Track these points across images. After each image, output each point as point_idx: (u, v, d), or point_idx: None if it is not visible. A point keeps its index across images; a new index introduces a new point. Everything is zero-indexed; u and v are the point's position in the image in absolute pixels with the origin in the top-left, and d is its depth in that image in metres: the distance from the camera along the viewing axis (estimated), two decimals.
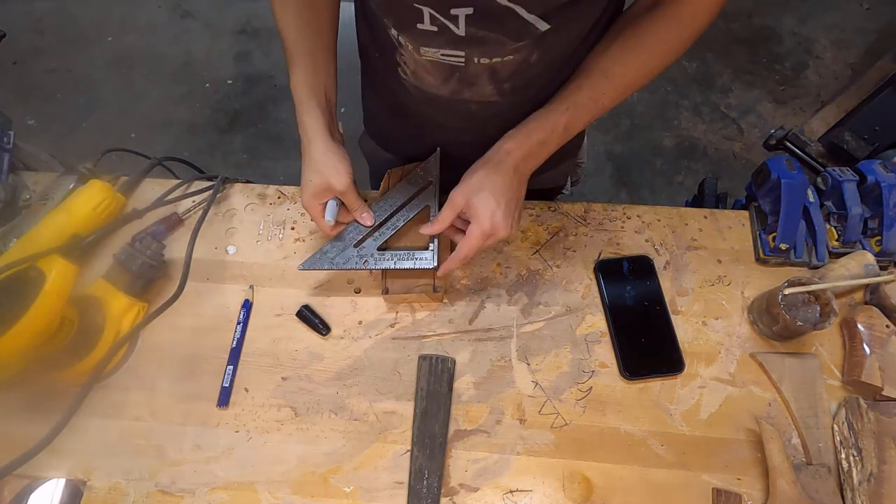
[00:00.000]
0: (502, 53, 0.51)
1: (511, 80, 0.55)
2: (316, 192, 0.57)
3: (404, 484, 0.55)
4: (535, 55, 0.52)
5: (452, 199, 0.55)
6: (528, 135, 0.55)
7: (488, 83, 0.55)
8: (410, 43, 0.52)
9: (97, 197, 0.64)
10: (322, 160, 0.56)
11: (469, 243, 0.55)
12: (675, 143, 1.87)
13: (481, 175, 0.54)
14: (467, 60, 0.52)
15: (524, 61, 0.52)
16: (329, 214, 0.58)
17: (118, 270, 0.61)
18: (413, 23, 0.48)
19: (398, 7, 0.48)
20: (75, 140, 1.90)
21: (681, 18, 0.51)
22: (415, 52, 0.53)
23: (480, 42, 0.49)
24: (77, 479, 0.56)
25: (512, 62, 0.52)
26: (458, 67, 0.53)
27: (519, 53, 0.51)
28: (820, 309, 0.58)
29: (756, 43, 2.06)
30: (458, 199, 0.55)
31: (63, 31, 2.20)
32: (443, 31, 0.48)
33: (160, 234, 0.66)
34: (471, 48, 0.50)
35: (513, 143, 0.55)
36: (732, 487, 0.54)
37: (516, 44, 0.49)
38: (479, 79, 0.55)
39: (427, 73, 0.56)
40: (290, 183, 0.73)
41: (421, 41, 0.51)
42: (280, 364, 0.61)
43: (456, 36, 0.48)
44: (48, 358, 0.56)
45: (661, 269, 0.65)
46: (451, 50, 0.51)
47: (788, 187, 0.62)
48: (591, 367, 0.60)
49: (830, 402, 0.57)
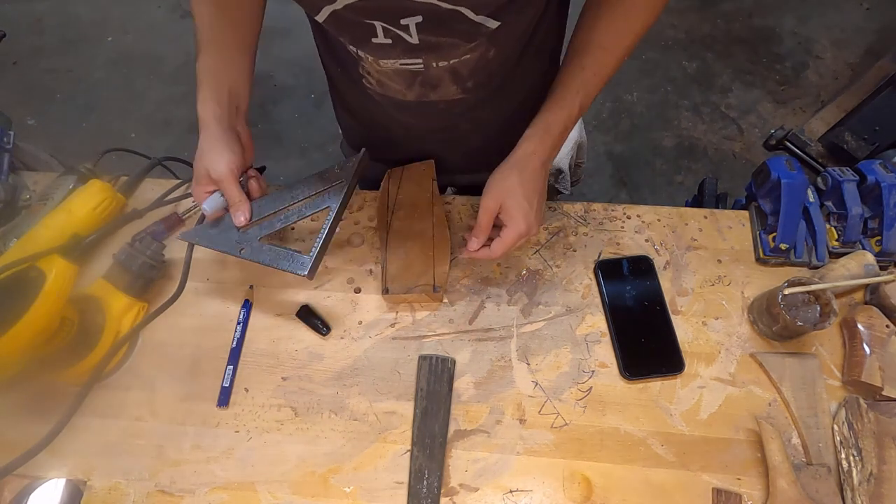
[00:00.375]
0: (458, 54, 0.51)
1: (473, 78, 0.56)
2: (198, 180, 0.56)
3: (404, 484, 0.55)
4: (491, 52, 0.53)
5: (486, 206, 0.55)
6: (548, 129, 0.55)
7: (451, 83, 0.56)
8: (369, 55, 0.53)
9: (97, 197, 0.64)
10: (206, 148, 0.55)
11: (504, 244, 0.55)
12: (675, 143, 1.87)
13: (513, 178, 0.54)
14: (426, 66, 0.53)
15: (482, 58, 0.53)
16: (207, 204, 0.56)
17: (118, 270, 0.61)
18: (367, 38, 0.49)
19: (350, 26, 0.49)
20: (75, 140, 1.90)
21: None
22: (375, 63, 0.54)
23: (435, 47, 0.50)
24: (77, 479, 0.56)
25: (470, 60, 0.53)
26: (419, 72, 0.54)
27: (475, 52, 0.52)
28: (820, 309, 0.58)
29: (756, 43, 2.06)
30: (491, 203, 0.55)
31: (63, 31, 2.20)
32: (397, 43, 0.49)
33: (160, 234, 0.66)
34: (427, 54, 0.51)
35: (536, 143, 0.55)
36: (732, 487, 0.54)
37: (470, 44, 0.50)
38: (441, 81, 0.56)
39: (390, 80, 0.57)
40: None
41: (378, 54, 0.52)
42: (280, 364, 0.61)
43: (410, 45, 0.49)
44: (48, 358, 0.56)
45: (661, 269, 0.65)
46: (408, 59, 0.52)
47: (788, 187, 0.62)
48: (591, 367, 0.60)
49: (830, 402, 0.57)
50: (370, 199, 0.71)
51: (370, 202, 0.71)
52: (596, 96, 0.56)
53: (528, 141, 0.55)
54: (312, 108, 1.94)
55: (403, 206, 0.67)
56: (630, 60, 2.01)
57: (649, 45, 2.08)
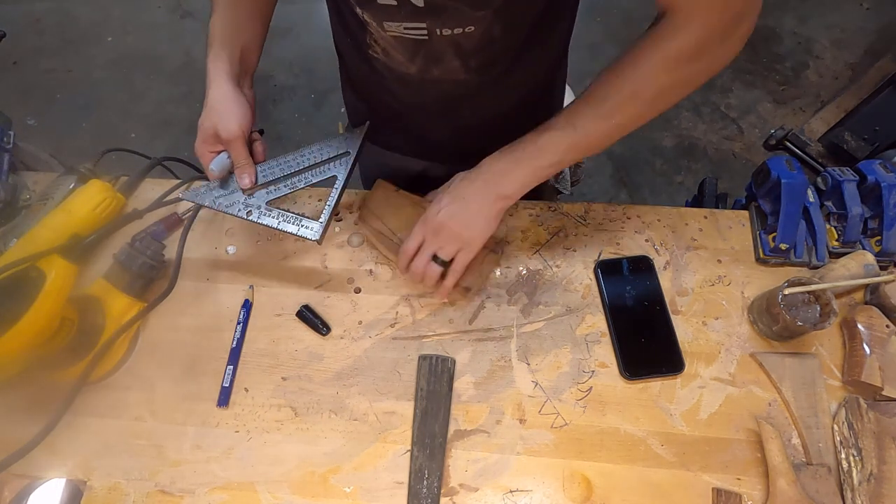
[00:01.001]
0: (463, 23, 0.50)
1: (477, 57, 0.55)
2: (205, 138, 0.55)
3: (404, 484, 0.55)
4: (496, 28, 0.52)
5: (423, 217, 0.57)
6: (504, 153, 0.56)
7: (454, 58, 0.55)
8: (373, 19, 0.52)
9: (97, 197, 0.64)
10: (216, 105, 0.54)
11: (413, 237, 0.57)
12: (675, 143, 1.87)
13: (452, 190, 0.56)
14: (430, 33, 0.52)
15: (486, 34, 0.52)
16: (215, 165, 0.55)
17: (118, 270, 0.61)
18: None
19: None
20: (75, 140, 1.90)
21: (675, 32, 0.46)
22: (380, 28, 0.53)
23: (440, 11, 0.49)
24: (77, 479, 0.56)
25: (475, 35, 0.52)
26: (423, 42, 0.53)
27: (480, 24, 0.51)
28: (820, 309, 0.58)
29: (756, 43, 2.06)
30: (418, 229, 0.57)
31: (63, 31, 2.20)
32: (402, 4, 0.48)
33: (160, 234, 0.66)
34: (431, 19, 0.50)
35: (487, 161, 0.56)
36: (732, 487, 0.54)
37: (476, 13, 0.49)
38: (444, 55, 0.55)
39: (394, 49, 0.56)
40: None
41: (383, 16, 0.51)
42: (280, 364, 0.61)
43: (415, 7, 0.48)
44: (48, 358, 0.56)
45: (661, 269, 0.65)
46: (412, 23, 0.50)
47: (788, 187, 0.62)
48: (591, 367, 0.60)
49: (830, 402, 0.57)
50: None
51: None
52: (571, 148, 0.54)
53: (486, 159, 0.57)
54: (312, 108, 1.94)
55: (400, 228, 0.65)
56: None
57: None
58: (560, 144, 0.53)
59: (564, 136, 0.52)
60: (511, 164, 0.55)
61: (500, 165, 0.55)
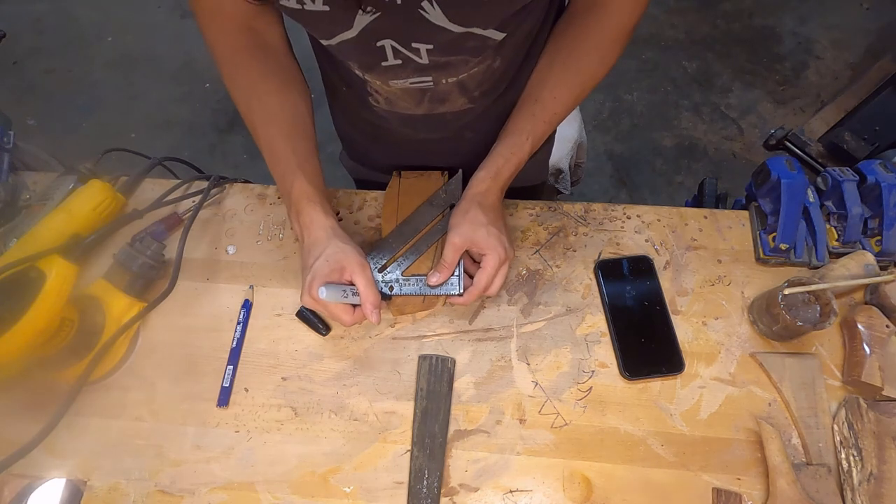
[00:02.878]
0: (468, 69, 0.52)
1: (480, 88, 0.57)
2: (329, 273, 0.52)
3: (404, 484, 0.55)
4: (497, 62, 0.54)
5: (452, 242, 0.55)
6: (499, 174, 0.56)
7: (460, 96, 0.57)
8: (377, 79, 0.54)
9: (97, 197, 0.64)
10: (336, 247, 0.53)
11: (487, 272, 0.55)
12: (675, 143, 1.87)
13: (475, 211, 0.55)
14: (436, 83, 0.53)
15: (488, 69, 0.54)
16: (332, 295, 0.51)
17: (118, 270, 0.61)
18: (378, 62, 0.50)
19: (361, 52, 0.49)
20: (75, 140, 1.90)
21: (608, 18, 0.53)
22: (384, 85, 0.54)
23: (444, 66, 0.50)
24: (77, 479, 0.56)
25: (477, 74, 0.54)
26: (429, 90, 0.55)
27: (483, 64, 0.53)
28: (820, 309, 0.58)
29: (756, 43, 2.06)
30: (457, 240, 0.55)
31: (63, 31, 2.20)
32: (407, 63, 0.50)
33: (160, 234, 0.66)
34: (437, 72, 0.51)
35: (489, 183, 0.56)
36: (732, 487, 0.54)
37: (477, 58, 0.51)
38: (450, 95, 0.57)
39: (399, 99, 0.57)
40: None
41: (388, 75, 0.52)
42: (280, 364, 0.61)
43: (420, 65, 0.50)
44: (48, 358, 0.56)
45: (661, 269, 0.65)
46: (418, 77, 0.52)
47: (788, 187, 0.62)
48: (591, 367, 0.60)
49: (830, 402, 0.57)
50: (370, 199, 0.71)
51: (370, 202, 0.71)
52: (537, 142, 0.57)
53: (480, 182, 0.56)
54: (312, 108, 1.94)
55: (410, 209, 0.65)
56: (630, 60, 2.02)
57: (649, 45, 2.08)
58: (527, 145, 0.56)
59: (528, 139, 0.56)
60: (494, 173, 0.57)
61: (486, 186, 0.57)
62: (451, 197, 0.63)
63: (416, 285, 0.58)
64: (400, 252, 0.60)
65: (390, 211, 0.66)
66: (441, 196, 0.64)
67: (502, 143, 0.57)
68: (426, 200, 0.64)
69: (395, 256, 0.60)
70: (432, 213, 0.63)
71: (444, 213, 0.62)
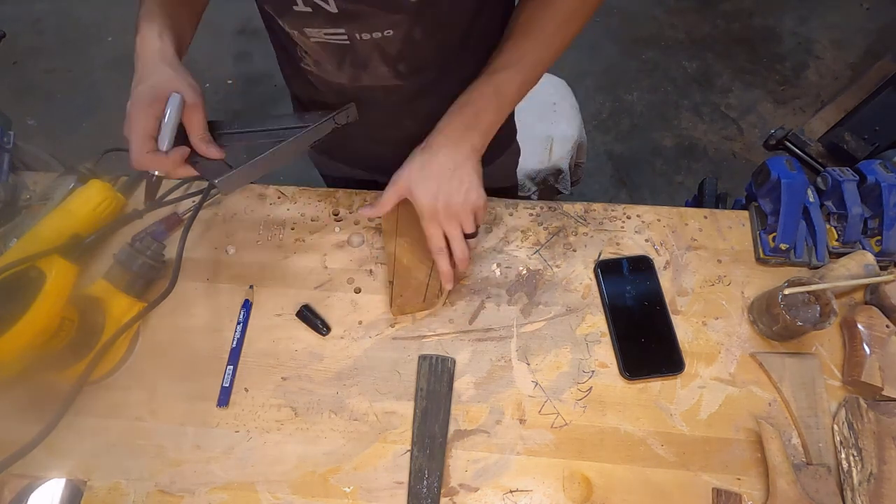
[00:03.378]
0: (381, 27, 0.51)
1: (403, 62, 0.56)
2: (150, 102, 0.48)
3: (404, 484, 0.55)
4: (417, 31, 0.52)
5: (395, 181, 0.56)
6: (460, 108, 0.55)
7: (381, 63, 0.55)
8: (295, 28, 0.52)
9: (97, 197, 0.64)
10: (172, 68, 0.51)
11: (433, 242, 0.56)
12: (675, 143, 1.87)
13: (419, 160, 0.55)
14: (350, 38, 0.52)
15: (407, 37, 0.53)
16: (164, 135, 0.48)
17: (118, 270, 0.61)
18: (289, 6, 0.49)
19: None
20: (75, 140, 1.90)
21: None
22: (303, 37, 0.53)
23: (355, 16, 0.49)
24: (77, 479, 0.56)
25: (395, 39, 0.52)
26: (346, 47, 0.53)
27: (399, 28, 0.51)
28: (820, 309, 0.58)
29: (756, 43, 2.06)
30: (401, 182, 0.55)
31: (63, 31, 2.20)
32: (317, 11, 0.49)
33: (160, 234, 0.66)
34: (348, 24, 0.50)
35: (444, 120, 0.56)
36: (732, 487, 0.54)
37: (391, 16, 0.50)
38: (370, 59, 0.55)
39: (321, 58, 0.56)
40: (290, 183, 0.73)
41: (301, 23, 0.51)
42: (280, 364, 0.61)
43: (330, 13, 0.49)
44: (48, 358, 0.56)
45: (661, 269, 0.65)
46: (330, 28, 0.51)
47: (788, 187, 0.62)
48: (591, 367, 0.60)
49: (830, 402, 0.57)
50: (371, 199, 0.71)
51: (370, 202, 0.71)
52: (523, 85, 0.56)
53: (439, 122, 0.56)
54: None
55: (410, 229, 0.65)
56: (630, 60, 2.02)
57: (649, 45, 2.08)
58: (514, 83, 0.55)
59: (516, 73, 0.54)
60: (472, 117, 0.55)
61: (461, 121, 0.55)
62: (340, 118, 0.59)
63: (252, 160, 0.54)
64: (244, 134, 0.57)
65: (389, 231, 0.66)
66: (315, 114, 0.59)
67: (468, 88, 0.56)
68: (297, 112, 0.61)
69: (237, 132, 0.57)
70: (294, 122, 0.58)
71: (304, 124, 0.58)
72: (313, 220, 0.70)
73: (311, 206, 0.71)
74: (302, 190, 0.72)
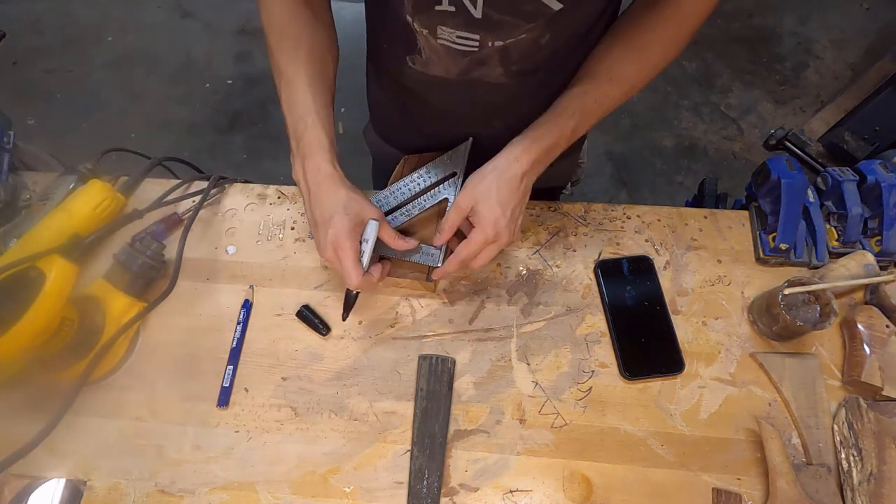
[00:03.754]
0: (516, 34, 0.50)
1: (520, 63, 0.55)
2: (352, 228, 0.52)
3: (404, 484, 0.55)
4: (545, 37, 0.52)
5: (458, 204, 0.55)
6: (537, 140, 0.54)
7: (498, 64, 0.55)
8: (426, 27, 0.52)
9: (97, 197, 0.64)
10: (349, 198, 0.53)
11: (469, 248, 0.55)
12: (675, 143, 1.87)
13: (489, 182, 0.54)
14: (481, 45, 0.52)
15: (534, 42, 0.52)
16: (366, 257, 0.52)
17: (118, 270, 0.61)
18: (432, 4, 0.48)
19: None
20: (75, 140, 1.90)
21: (679, 15, 0.52)
22: (430, 37, 0.53)
23: (496, 25, 0.49)
24: (77, 479, 0.56)
25: (523, 42, 0.52)
26: (471, 53, 0.53)
27: (531, 34, 0.51)
28: (820, 309, 0.58)
29: (756, 43, 2.06)
30: (463, 203, 0.54)
31: (63, 31, 2.20)
32: (459, 12, 0.48)
33: (160, 234, 0.66)
34: (485, 31, 0.50)
35: (521, 150, 0.54)
36: (732, 487, 0.54)
37: (530, 25, 0.49)
38: (490, 59, 0.54)
39: (439, 59, 0.55)
40: (290, 183, 0.72)
41: (438, 21, 0.50)
42: (280, 364, 0.61)
43: (472, 18, 0.48)
44: (48, 358, 0.56)
45: (661, 269, 0.65)
46: (465, 32, 0.50)
47: (788, 187, 0.62)
48: (591, 367, 0.60)
49: (830, 402, 0.57)
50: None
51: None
52: (594, 124, 0.56)
53: (513, 147, 0.55)
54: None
55: None
56: None
57: None
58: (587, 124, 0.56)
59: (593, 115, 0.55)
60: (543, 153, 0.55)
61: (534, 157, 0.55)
62: (454, 164, 0.63)
63: None
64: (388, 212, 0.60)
65: None
66: (445, 162, 0.63)
67: (545, 115, 0.55)
68: (428, 162, 0.63)
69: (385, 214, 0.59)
70: (431, 177, 0.63)
71: (445, 181, 0.62)
72: None
73: None
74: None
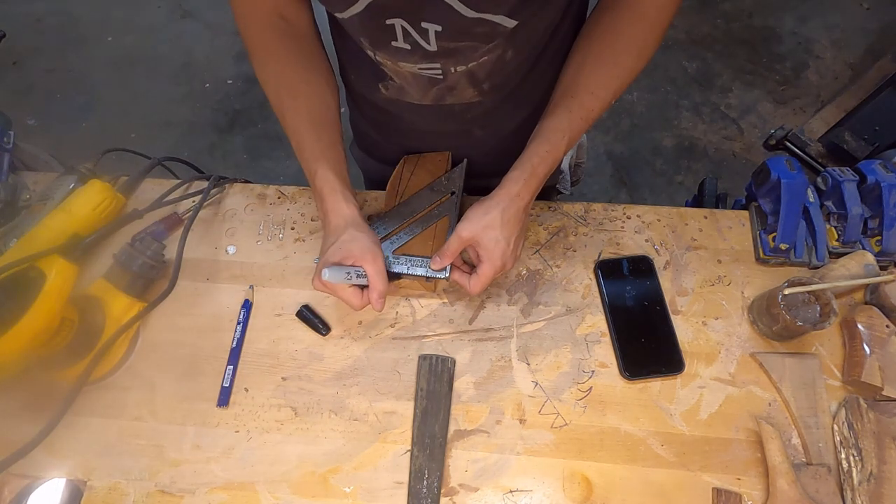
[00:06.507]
0: (476, 57, 0.51)
1: (489, 80, 0.56)
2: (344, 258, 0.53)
3: (404, 484, 0.55)
4: (509, 52, 0.53)
5: (460, 234, 0.55)
6: (534, 172, 0.54)
7: (468, 87, 0.56)
8: (388, 59, 0.53)
9: (97, 197, 0.64)
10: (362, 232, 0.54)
11: (482, 282, 0.56)
12: (675, 143, 1.87)
13: (494, 214, 0.54)
14: (444, 72, 0.53)
15: (499, 60, 0.53)
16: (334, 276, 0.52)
17: (118, 270, 0.61)
18: (388, 41, 0.49)
19: (372, 27, 0.49)
20: (75, 140, 1.90)
21: (645, 16, 0.52)
22: (395, 66, 0.54)
23: (453, 53, 0.50)
24: (77, 479, 0.56)
25: (487, 63, 0.53)
26: (438, 80, 0.54)
27: (493, 53, 0.52)
28: (820, 309, 0.58)
29: (756, 43, 2.06)
30: (465, 234, 0.55)
31: (63, 31, 2.20)
32: (415, 49, 0.49)
33: (160, 234, 0.66)
34: (445, 59, 0.51)
35: (521, 186, 0.54)
36: (732, 487, 0.54)
37: (488, 45, 0.50)
38: (458, 84, 0.56)
39: (409, 85, 0.57)
40: (290, 183, 0.73)
41: (397, 57, 0.52)
42: (280, 364, 0.61)
43: (428, 52, 0.49)
44: (48, 358, 0.56)
45: (661, 269, 0.65)
46: (426, 63, 0.52)
47: (788, 187, 0.62)
48: (591, 367, 0.60)
49: (830, 402, 0.57)
50: (371, 199, 0.71)
51: (371, 202, 0.71)
52: (573, 140, 0.56)
53: (514, 183, 0.55)
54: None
55: (413, 192, 0.68)
56: None
57: None
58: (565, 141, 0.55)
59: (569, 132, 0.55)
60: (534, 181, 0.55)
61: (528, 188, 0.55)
62: (451, 185, 0.66)
63: (406, 265, 0.61)
64: (394, 231, 0.63)
65: (392, 190, 0.68)
66: (443, 183, 0.66)
67: (537, 141, 0.55)
68: (427, 185, 0.66)
69: (390, 234, 0.63)
70: (431, 197, 0.65)
71: (443, 200, 0.65)
72: (313, 219, 0.70)
73: (311, 206, 0.71)
74: (302, 190, 0.72)
